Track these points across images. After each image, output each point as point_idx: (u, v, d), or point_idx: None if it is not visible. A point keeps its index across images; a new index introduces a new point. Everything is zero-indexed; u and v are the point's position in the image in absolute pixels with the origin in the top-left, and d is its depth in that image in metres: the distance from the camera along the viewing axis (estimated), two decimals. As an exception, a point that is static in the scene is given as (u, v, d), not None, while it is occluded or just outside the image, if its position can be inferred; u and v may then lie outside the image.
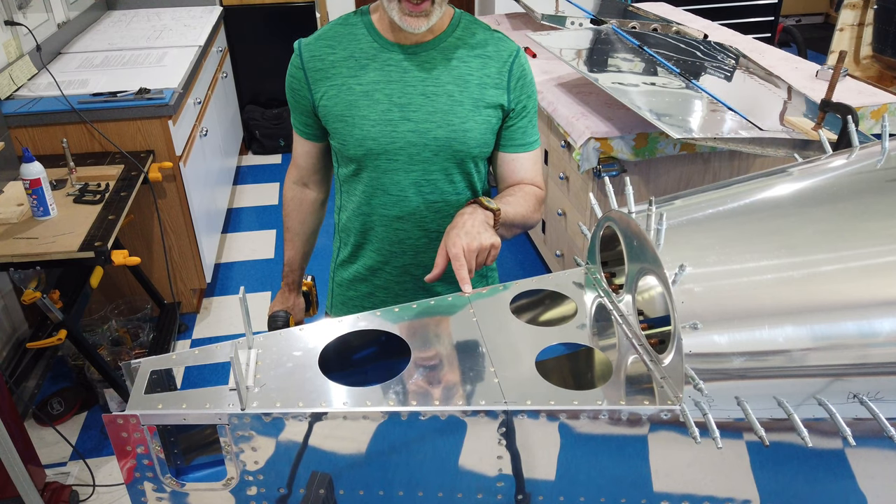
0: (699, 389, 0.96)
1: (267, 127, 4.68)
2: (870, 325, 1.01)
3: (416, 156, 1.39)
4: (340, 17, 1.43)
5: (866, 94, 2.58)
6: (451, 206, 1.45)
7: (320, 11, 5.30)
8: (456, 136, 1.38)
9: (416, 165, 1.40)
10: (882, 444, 1.07)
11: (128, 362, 1.09)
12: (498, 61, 1.39)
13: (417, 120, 1.36)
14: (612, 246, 1.25)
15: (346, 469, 1.05)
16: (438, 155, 1.39)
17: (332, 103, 1.39)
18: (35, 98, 2.71)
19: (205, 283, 3.14)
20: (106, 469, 2.34)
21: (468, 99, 1.37)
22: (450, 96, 1.37)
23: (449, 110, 1.36)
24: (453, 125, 1.37)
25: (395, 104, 1.36)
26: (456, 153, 1.40)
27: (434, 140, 1.37)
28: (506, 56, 1.40)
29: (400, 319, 1.20)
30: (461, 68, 1.37)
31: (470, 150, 1.40)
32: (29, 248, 2.10)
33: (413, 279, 1.53)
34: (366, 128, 1.37)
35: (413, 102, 1.36)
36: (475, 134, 1.39)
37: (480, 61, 1.38)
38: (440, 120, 1.36)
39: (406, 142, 1.37)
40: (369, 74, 1.37)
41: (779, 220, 1.11)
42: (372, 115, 1.37)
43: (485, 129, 1.40)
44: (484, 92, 1.38)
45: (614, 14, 3.47)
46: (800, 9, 7.36)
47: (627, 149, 2.36)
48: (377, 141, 1.38)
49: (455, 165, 1.42)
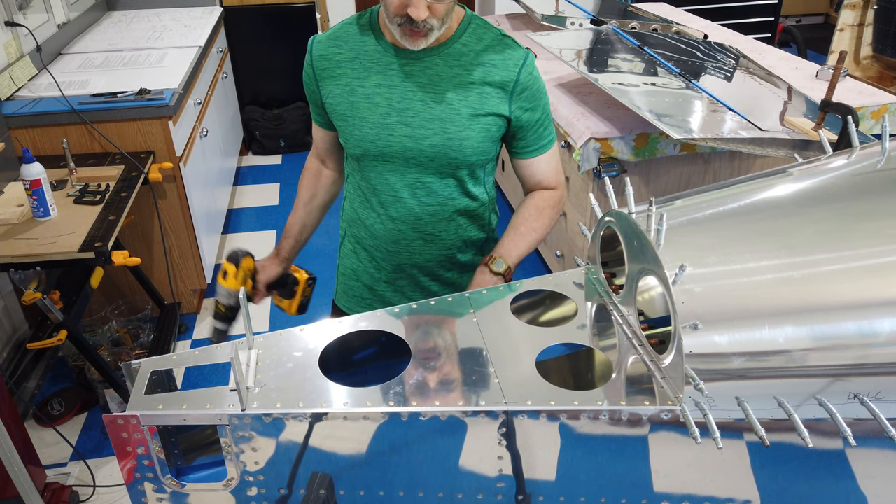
0: (699, 390, 0.96)
1: (267, 127, 4.68)
2: (870, 325, 1.01)
3: (411, 160, 1.39)
4: (353, 16, 1.44)
5: (866, 95, 2.58)
6: (447, 209, 1.45)
7: (320, 12, 5.30)
8: (452, 145, 1.37)
9: (411, 169, 1.41)
10: (882, 444, 1.07)
11: (128, 363, 1.09)
12: (503, 70, 1.36)
13: (414, 125, 1.37)
14: (613, 246, 1.25)
15: (347, 469, 1.05)
16: (434, 161, 1.39)
17: (336, 102, 1.41)
18: (35, 99, 2.71)
19: (205, 284, 3.14)
20: (106, 469, 2.34)
21: (467, 108, 1.36)
22: (448, 104, 1.36)
23: (447, 118, 1.36)
24: (450, 133, 1.36)
25: (393, 108, 1.37)
26: (451, 160, 1.39)
27: (430, 147, 1.37)
28: (511, 65, 1.37)
29: (400, 320, 1.20)
30: (463, 76, 1.36)
31: (466, 159, 1.40)
32: (29, 248, 2.10)
33: (409, 277, 1.54)
34: (364, 129, 1.38)
35: (412, 108, 1.36)
36: (472, 143, 1.38)
37: (484, 69, 1.36)
38: (437, 127, 1.36)
39: (402, 146, 1.38)
40: (372, 77, 1.38)
41: (779, 220, 1.11)
42: (370, 118, 1.37)
43: (483, 138, 1.39)
44: (484, 101, 1.37)
45: (614, 14, 3.47)
46: (800, 9, 7.36)
47: (627, 149, 2.36)
48: (374, 143, 1.39)
49: (451, 172, 1.42)
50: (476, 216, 1.51)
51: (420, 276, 1.53)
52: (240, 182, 4.42)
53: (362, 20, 1.42)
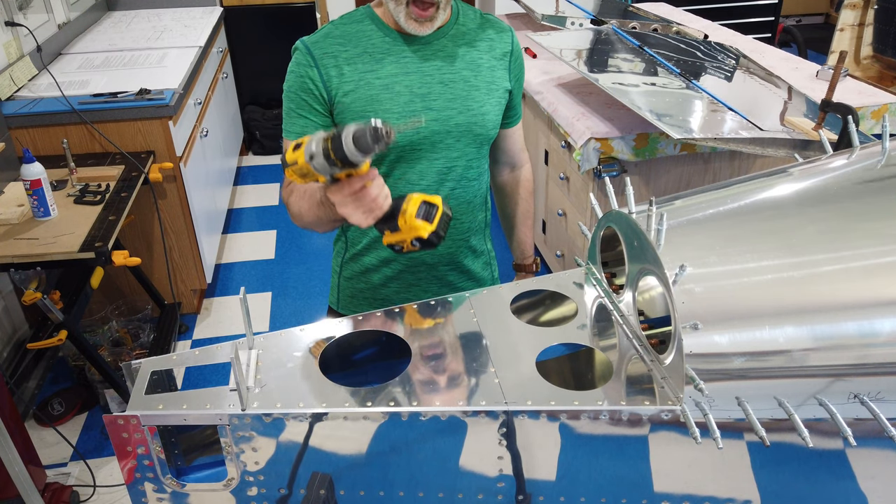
0: (700, 390, 0.96)
1: (267, 127, 4.68)
2: (870, 325, 1.01)
3: (438, 143, 1.40)
4: (342, 17, 1.42)
5: (866, 95, 2.58)
6: (468, 191, 1.48)
7: (320, 12, 5.29)
8: (476, 121, 1.41)
9: (438, 153, 1.41)
10: (883, 444, 1.07)
11: (128, 363, 1.09)
12: (501, 43, 1.45)
13: (439, 108, 1.38)
14: (613, 246, 1.25)
15: (347, 469, 1.05)
16: (460, 141, 1.41)
17: (350, 100, 1.36)
18: (35, 99, 2.71)
19: (205, 284, 3.14)
20: (106, 469, 2.34)
21: (483, 82, 1.42)
22: (466, 81, 1.40)
23: (467, 95, 1.40)
24: (472, 110, 1.40)
25: (416, 95, 1.37)
26: (476, 137, 1.43)
27: (456, 126, 1.40)
28: (505, 36, 1.46)
29: (400, 320, 1.20)
30: (472, 53, 1.42)
31: (488, 133, 1.45)
32: (29, 248, 2.10)
33: (427, 268, 1.53)
34: (391, 122, 1.34)
35: (433, 91, 1.38)
36: (491, 116, 1.44)
37: (487, 44, 1.43)
38: (460, 106, 1.39)
39: (430, 131, 1.39)
40: (386, 68, 1.37)
41: (779, 220, 1.11)
42: (395, 109, 1.36)
43: (498, 111, 1.46)
44: (494, 74, 1.43)
45: (614, 14, 3.47)
46: (800, 9, 7.36)
47: (628, 149, 2.36)
48: (402, 134, 1.37)
49: (475, 149, 1.45)
50: (484, 198, 1.55)
51: (441, 266, 1.53)
52: (240, 182, 4.42)
53: (356, 16, 1.40)
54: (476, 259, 1.58)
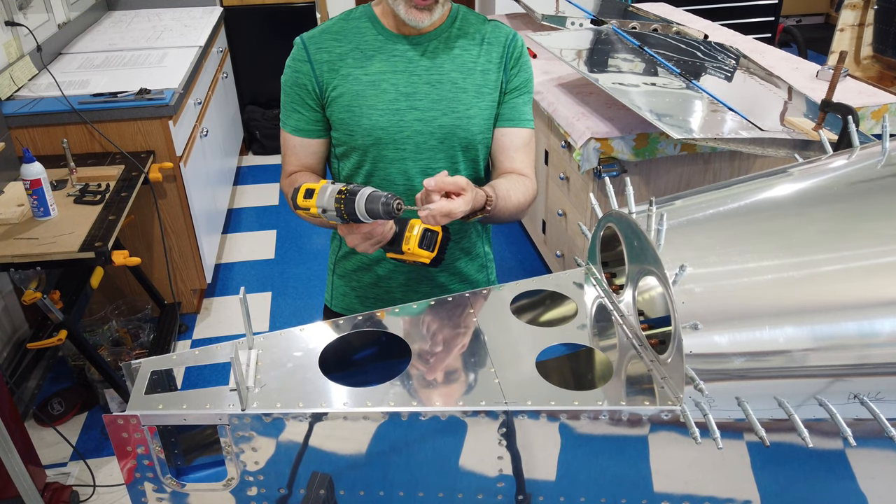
0: (700, 390, 0.96)
1: (267, 127, 4.68)
2: (870, 325, 1.01)
3: (422, 144, 1.40)
4: (341, 14, 1.45)
5: (867, 95, 2.58)
6: None
7: (320, 11, 5.29)
8: (461, 124, 1.40)
9: (422, 154, 1.41)
10: (883, 444, 1.07)
11: (128, 363, 1.09)
12: (498, 46, 1.43)
13: (423, 108, 1.38)
14: (613, 246, 1.25)
15: (347, 469, 1.05)
16: (444, 143, 1.41)
17: (339, 94, 1.39)
18: (35, 98, 2.71)
19: (205, 284, 3.14)
20: (106, 469, 2.34)
21: (472, 86, 1.40)
22: (454, 84, 1.39)
23: (453, 98, 1.39)
24: (458, 112, 1.40)
25: (401, 93, 1.38)
26: (461, 140, 1.42)
27: (440, 128, 1.39)
28: (503, 40, 1.43)
29: (400, 320, 1.20)
30: (464, 56, 1.41)
31: (474, 137, 1.43)
32: (29, 248, 2.10)
33: (418, 268, 1.53)
34: (374, 117, 1.38)
35: (419, 91, 1.38)
36: (479, 120, 1.42)
37: (481, 48, 1.42)
38: (445, 108, 1.39)
39: (413, 130, 1.39)
40: (375, 65, 1.38)
41: (779, 220, 1.11)
42: (379, 105, 1.38)
43: (488, 115, 1.43)
44: (486, 78, 1.42)
45: (614, 14, 3.47)
46: (800, 9, 7.36)
47: (628, 149, 2.36)
48: (385, 130, 1.39)
49: (461, 153, 1.44)
50: None
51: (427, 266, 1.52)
52: (240, 182, 4.42)
53: (354, 14, 1.42)
54: (470, 262, 1.58)
